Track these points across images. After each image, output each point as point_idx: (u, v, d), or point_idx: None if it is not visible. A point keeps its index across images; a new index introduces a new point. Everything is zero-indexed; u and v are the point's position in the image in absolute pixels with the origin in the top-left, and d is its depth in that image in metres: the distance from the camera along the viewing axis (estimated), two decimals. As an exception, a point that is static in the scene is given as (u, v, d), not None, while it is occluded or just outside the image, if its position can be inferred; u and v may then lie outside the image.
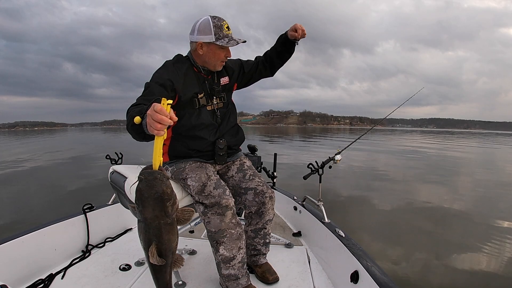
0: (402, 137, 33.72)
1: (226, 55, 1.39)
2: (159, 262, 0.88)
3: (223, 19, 1.31)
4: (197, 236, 2.12)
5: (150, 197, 0.85)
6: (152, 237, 0.87)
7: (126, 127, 1.06)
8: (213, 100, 1.45)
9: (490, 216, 4.23)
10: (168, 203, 0.87)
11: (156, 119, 0.81)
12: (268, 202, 1.48)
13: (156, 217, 0.85)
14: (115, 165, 1.58)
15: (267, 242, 1.59)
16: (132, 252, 1.82)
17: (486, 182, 7.00)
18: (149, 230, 0.87)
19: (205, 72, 1.43)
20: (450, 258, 2.88)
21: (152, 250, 0.87)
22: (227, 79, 1.52)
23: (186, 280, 1.51)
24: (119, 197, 1.55)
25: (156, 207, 0.85)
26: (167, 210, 0.86)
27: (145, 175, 0.86)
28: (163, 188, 0.86)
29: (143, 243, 0.89)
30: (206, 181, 1.35)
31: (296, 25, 1.45)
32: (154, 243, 0.87)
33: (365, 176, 7.41)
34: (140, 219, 0.87)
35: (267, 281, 1.51)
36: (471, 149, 18.00)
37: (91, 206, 1.99)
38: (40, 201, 5.03)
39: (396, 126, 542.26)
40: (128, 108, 1.13)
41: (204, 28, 1.30)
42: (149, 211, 0.85)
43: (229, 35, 1.32)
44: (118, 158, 2.19)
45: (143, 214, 0.86)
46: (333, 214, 1.95)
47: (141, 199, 0.85)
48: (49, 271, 1.55)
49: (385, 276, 1.21)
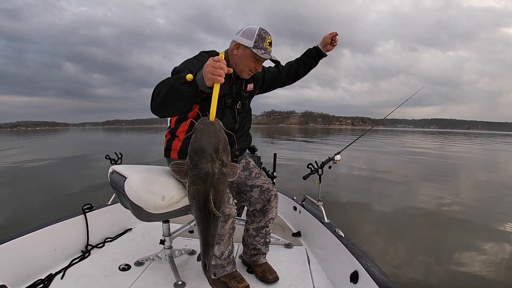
0: (404, 138, 33.57)
1: (256, 67, 1.37)
2: (217, 213, 0.90)
3: (269, 35, 1.31)
4: (196, 236, 2.10)
5: (210, 146, 0.85)
6: (209, 188, 0.87)
7: (156, 100, 1.09)
8: (236, 105, 1.44)
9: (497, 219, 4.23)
10: (225, 153, 0.88)
11: (217, 66, 0.93)
12: (273, 200, 1.54)
13: (215, 166, 0.86)
14: (115, 165, 1.57)
15: (267, 241, 1.62)
16: (132, 252, 1.82)
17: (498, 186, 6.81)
18: (206, 180, 0.86)
19: (235, 76, 1.42)
20: (451, 259, 2.88)
21: (210, 199, 0.87)
22: (252, 86, 1.53)
23: (186, 280, 1.51)
24: (119, 197, 1.54)
25: (215, 156, 0.86)
26: (224, 160, 0.88)
27: (203, 125, 0.87)
28: (222, 138, 0.88)
29: (196, 195, 0.88)
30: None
31: (333, 36, 1.55)
32: (212, 193, 0.87)
33: (366, 176, 7.41)
34: (195, 171, 0.87)
35: (267, 280, 1.52)
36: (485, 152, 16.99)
37: (90, 206, 1.99)
38: (40, 201, 5.03)
39: (397, 126, 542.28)
40: (155, 86, 1.12)
41: (248, 32, 1.30)
42: (207, 161, 0.85)
43: (267, 50, 1.31)
44: (118, 158, 2.19)
45: (200, 164, 0.85)
46: (332, 214, 1.95)
47: (200, 149, 0.85)
48: (49, 271, 1.55)
49: (384, 276, 1.21)
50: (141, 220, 1.45)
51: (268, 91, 1.71)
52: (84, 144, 21.78)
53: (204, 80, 0.97)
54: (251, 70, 1.37)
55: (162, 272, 1.59)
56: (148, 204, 1.35)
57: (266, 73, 1.63)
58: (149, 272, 1.61)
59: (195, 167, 0.87)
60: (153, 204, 1.35)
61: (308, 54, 1.63)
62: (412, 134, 58.34)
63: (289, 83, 1.74)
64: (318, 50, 1.61)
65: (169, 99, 1.06)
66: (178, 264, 1.62)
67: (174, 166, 0.94)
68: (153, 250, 1.80)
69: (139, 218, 1.43)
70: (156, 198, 1.35)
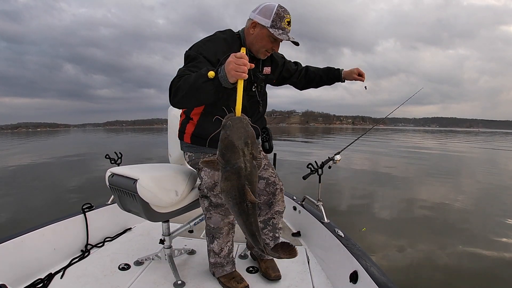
0: (405, 137, 33.49)
1: (273, 47, 1.32)
2: (255, 201, 0.93)
3: (288, 13, 1.25)
4: (196, 236, 2.12)
5: (241, 141, 0.88)
6: (243, 181, 0.90)
7: (177, 95, 1.08)
8: (252, 87, 1.40)
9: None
10: (255, 146, 0.92)
11: (241, 63, 0.93)
12: (278, 194, 1.51)
13: (246, 160, 0.89)
14: (113, 168, 1.57)
15: (276, 236, 1.60)
16: (132, 252, 1.82)
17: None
18: (240, 174, 0.89)
19: (251, 56, 1.36)
20: (451, 259, 2.88)
21: (248, 191, 0.90)
22: (269, 70, 1.49)
23: (185, 280, 1.51)
24: (121, 200, 1.53)
25: (246, 150, 0.89)
26: (254, 153, 0.91)
27: (233, 121, 0.90)
28: (251, 132, 0.91)
29: (232, 190, 0.91)
30: (219, 181, 1.37)
31: (362, 74, 1.58)
32: (247, 185, 0.91)
33: (366, 176, 7.41)
34: (228, 167, 0.90)
35: (269, 277, 1.53)
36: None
37: (90, 206, 1.99)
38: (41, 201, 5.03)
39: (398, 125, 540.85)
40: (172, 80, 1.12)
41: (266, 11, 1.24)
42: (239, 155, 0.88)
43: (285, 30, 1.25)
44: (117, 157, 2.18)
45: (233, 160, 0.89)
46: (332, 214, 1.95)
47: (231, 145, 0.88)
48: (48, 271, 1.55)
49: (384, 276, 1.21)
50: (152, 220, 1.47)
51: (282, 84, 1.69)
52: (85, 144, 21.78)
53: (228, 77, 0.98)
54: (268, 50, 1.32)
55: (162, 272, 1.59)
56: (164, 201, 1.39)
57: (287, 64, 1.60)
58: (148, 271, 1.61)
59: (227, 163, 0.90)
60: (169, 200, 1.41)
61: (328, 73, 1.64)
62: (413, 133, 58.14)
63: (298, 88, 1.73)
64: (338, 74, 1.62)
65: (192, 95, 1.06)
66: (177, 264, 1.62)
67: (204, 164, 0.97)
68: (152, 249, 1.80)
69: (150, 219, 1.45)
70: (171, 194, 1.41)
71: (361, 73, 1.60)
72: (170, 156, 1.89)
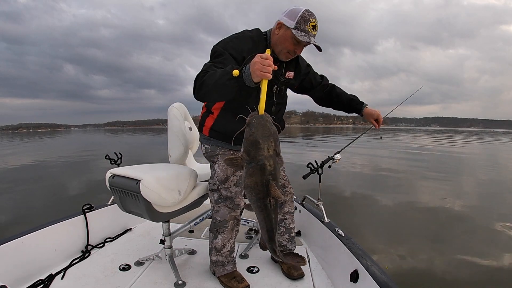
0: (407, 136, 33.40)
1: (296, 50, 1.31)
2: (280, 197, 0.97)
3: (314, 18, 1.25)
4: (196, 236, 2.12)
5: (265, 139, 0.92)
6: (268, 176, 0.94)
7: (201, 90, 1.13)
8: (272, 88, 1.41)
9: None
10: (277, 143, 0.96)
11: (266, 64, 0.97)
12: (287, 195, 1.56)
13: (270, 156, 0.93)
14: (113, 169, 1.56)
15: (292, 236, 1.64)
16: (132, 252, 1.82)
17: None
18: (265, 170, 0.93)
19: (274, 58, 1.38)
20: (452, 258, 2.88)
21: (273, 186, 0.94)
22: (292, 75, 1.48)
23: (186, 280, 1.51)
24: (122, 201, 1.53)
25: (270, 146, 0.93)
26: (277, 150, 0.96)
27: (257, 119, 0.95)
28: (273, 130, 0.95)
29: (256, 186, 0.95)
30: (231, 175, 1.43)
31: (379, 122, 1.57)
32: (271, 180, 0.94)
33: (366, 175, 7.41)
34: (252, 163, 0.94)
35: (292, 276, 1.55)
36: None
37: (90, 206, 1.99)
38: (41, 201, 5.03)
39: (399, 125, 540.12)
40: (198, 75, 1.16)
41: (292, 13, 1.25)
42: (263, 152, 0.92)
43: (309, 33, 1.24)
44: (117, 158, 2.18)
45: (258, 156, 0.92)
46: (332, 213, 1.95)
47: (256, 142, 0.92)
48: (49, 272, 1.55)
49: (384, 275, 1.21)
50: (155, 221, 1.48)
51: (303, 93, 1.67)
52: (86, 145, 21.77)
53: (252, 77, 1.01)
54: (290, 52, 1.32)
55: (162, 272, 1.59)
56: (168, 201, 1.41)
57: (311, 74, 1.59)
58: (149, 272, 1.61)
59: (252, 160, 0.93)
60: (172, 200, 1.43)
61: (351, 102, 1.63)
62: (414, 132, 57.99)
63: (317, 102, 1.72)
64: (360, 108, 1.62)
65: (215, 91, 1.11)
66: (178, 264, 1.62)
67: (228, 161, 1.00)
68: (153, 250, 1.80)
69: (153, 219, 1.46)
70: (174, 194, 1.43)
71: (379, 120, 1.59)
72: (170, 156, 1.88)
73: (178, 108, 1.83)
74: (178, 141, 1.74)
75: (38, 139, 34.46)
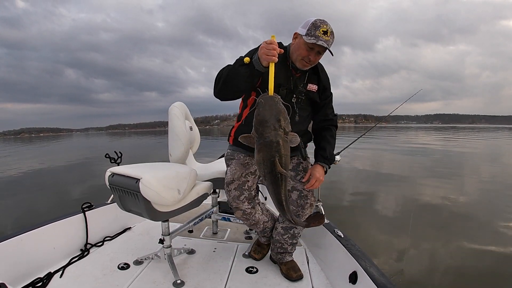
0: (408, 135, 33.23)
1: (310, 56, 1.31)
2: (284, 173, 1.03)
3: (326, 24, 1.26)
4: (196, 235, 2.12)
5: (272, 117, 0.98)
6: (274, 153, 1.00)
7: (218, 84, 1.25)
8: (292, 99, 1.41)
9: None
10: (286, 122, 1.01)
11: (270, 48, 1.08)
12: (307, 208, 1.53)
13: (278, 134, 0.99)
14: (113, 167, 1.56)
15: (294, 242, 1.65)
16: (131, 251, 1.82)
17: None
18: (271, 147, 0.99)
19: (295, 69, 1.41)
20: (453, 258, 2.87)
21: (277, 163, 1.01)
22: (315, 88, 1.47)
23: (185, 279, 1.51)
24: (122, 200, 1.53)
25: (277, 125, 0.99)
26: (285, 128, 1.01)
27: (265, 100, 1.01)
28: (282, 109, 1.01)
29: (264, 161, 1.02)
30: (236, 179, 1.49)
31: (316, 180, 1.40)
32: (277, 157, 1.01)
33: (366, 175, 7.39)
34: (261, 140, 1.01)
35: (291, 278, 1.56)
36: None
37: (90, 205, 1.99)
38: (41, 201, 5.03)
39: (401, 122, 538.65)
40: (217, 74, 1.28)
41: (306, 23, 1.30)
42: (270, 130, 0.99)
43: (319, 37, 1.25)
44: (117, 157, 2.18)
45: (265, 133, 0.99)
46: (332, 214, 1.95)
47: (263, 120, 0.99)
48: (48, 270, 1.55)
49: (383, 277, 1.22)
50: (154, 220, 1.49)
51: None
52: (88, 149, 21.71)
53: (260, 61, 1.13)
54: (304, 59, 1.33)
55: (161, 271, 1.59)
56: (167, 200, 1.41)
57: (327, 100, 1.53)
58: (148, 271, 1.61)
59: (260, 137, 1.00)
60: (172, 199, 1.44)
61: (319, 149, 1.50)
62: (416, 130, 57.53)
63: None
64: (317, 159, 1.48)
65: (229, 80, 1.22)
66: (177, 263, 1.62)
67: (242, 138, 1.11)
68: (152, 249, 1.80)
69: (152, 218, 1.46)
70: (174, 193, 1.44)
71: (313, 178, 1.40)
72: (171, 155, 1.88)
73: (179, 107, 1.83)
74: (179, 141, 1.75)
75: (40, 143, 34.34)
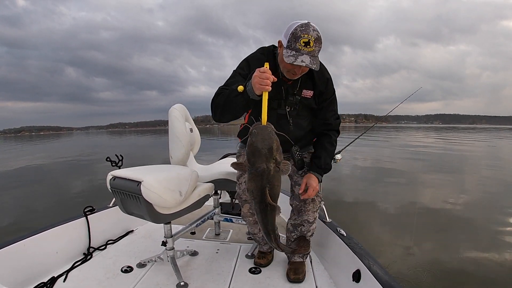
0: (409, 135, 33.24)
1: (294, 69, 1.21)
2: (273, 205, 1.04)
3: (308, 32, 1.11)
4: (198, 237, 2.12)
5: (264, 148, 0.98)
6: (265, 184, 1.01)
7: (217, 111, 1.25)
8: (285, 107, 1.37)
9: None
10: (278, 152, 1.01)
11: (264, 77, 1.04)
12: (309, 203, 1.51)
13: (269, 165, 0.99)
14: (114, 171, 1.56)
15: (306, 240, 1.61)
16: (134, 254, 1.82)
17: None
18: (263, 177, 1.00)
19: (286, 77, 1.31)
20: (454, 258, 2.87)
21: (266, 193, 1.01)
22: (311, 93, 1.38)
23: (188, 281, 1.51)
24: (124, 203, 1.53)
25: (269, 156, 0.99)
26: (277, 158, 1.01)
27: (258, 130, 1.01)
28: (274, 140, 1.00)
29: (254, 190, 1.03)
30: (244, 173, 1.46)
31: (309, 192, 1.38)
32: (267, 188, 1.01)
33: (368, 174, 7.38)
34: (252, 170, 1.01)
35: (289, 278, 1.55)
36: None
37: (92, 209, 1.99)
38: (44, 203, 5.04)
39: (401, 122, 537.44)
40: (212, 99, 1.27)
41: (288, 30, 1.16)
42: (262, 160, 0.99)
43: (300, 51, 1.12)
44: (118, 160, 2.18)
45: (256, 163, 0.99)
46: (334, 213, 1.95)
47: (255, 151, 0.99)
48: (51, 274, 1.55)
49: (387, 275, 1.21)
50: (156, 222, 1.49)
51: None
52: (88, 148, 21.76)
53: (254, 90, 1.09)
54: (290, 71, 1.24)
55: (164, 274, 1.59)
56: (168, 202, 1.41)
57: (327, 102, 1.43)
58: (151, 273, 1.61)
59: (252, 166, 1.00)
60: (173, 201, 1.44)
61: (315, 158, 1.47)
62: (417, 130, 57.48)
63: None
64: (310, 167, 1.48)
65: (227, 109, 1.21)
66: (180, 265, 1.62)
67: (234, 165, 1.11)
68: (155, 251, 1.80)
69: (154, 221, 1.46)
70: (175, 195, 1.44)
71: (309, 187, 1.39)
72: (171, 157, 1.88)
73: (179, 109, 1.83)
74: (179, 143, 1.75)
75: (41, 141, 34.39)
